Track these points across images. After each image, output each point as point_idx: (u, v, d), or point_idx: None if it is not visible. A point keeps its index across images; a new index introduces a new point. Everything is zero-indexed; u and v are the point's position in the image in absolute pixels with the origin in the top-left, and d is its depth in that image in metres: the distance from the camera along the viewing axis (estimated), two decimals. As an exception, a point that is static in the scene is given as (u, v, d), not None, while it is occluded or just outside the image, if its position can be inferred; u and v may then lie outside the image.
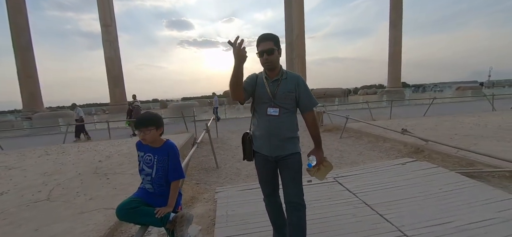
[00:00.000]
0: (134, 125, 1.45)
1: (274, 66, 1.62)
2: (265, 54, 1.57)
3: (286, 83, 1.63)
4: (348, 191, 2.84)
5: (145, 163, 1.57)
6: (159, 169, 1.56)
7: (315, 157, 1.68)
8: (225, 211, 2.52)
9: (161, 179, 1.58)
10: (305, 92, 1.64)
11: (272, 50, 1.57)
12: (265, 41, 1.56)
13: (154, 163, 1.56)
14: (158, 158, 1.56)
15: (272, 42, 1.57)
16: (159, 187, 1.59)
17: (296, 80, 1.65)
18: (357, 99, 24.15)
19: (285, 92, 1.62)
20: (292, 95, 1.63)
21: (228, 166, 4.54)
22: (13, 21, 19.53)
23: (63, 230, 2.20)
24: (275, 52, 1.58)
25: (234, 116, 14.85)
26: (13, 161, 5.10)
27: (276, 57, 1.60)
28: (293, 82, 1.63)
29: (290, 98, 1.62)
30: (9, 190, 3.37)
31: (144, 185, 1.62)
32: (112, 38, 23.13)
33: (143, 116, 1.57)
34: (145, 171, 1.57)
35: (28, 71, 20.37)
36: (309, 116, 1.67)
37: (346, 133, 6.59)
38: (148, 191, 1.59)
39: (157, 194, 1.59)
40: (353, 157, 4.52)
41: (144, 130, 1.50)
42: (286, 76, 1.65)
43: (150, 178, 1.56)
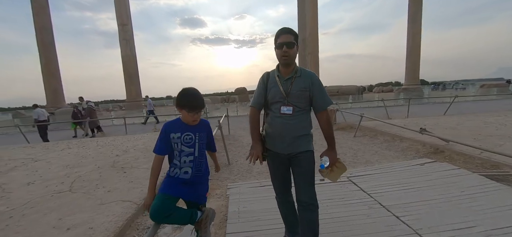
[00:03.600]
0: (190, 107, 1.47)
1: (291, 61, 1.58)
2: (285, 47, 1.52)
3: (300, 81, 1.60)
4: (362, 191, 2.77)
5: (185, 143, 1.52)
6: (201, 147, 1.58)
7: (328, 158, 1.63)
8: (237, 207, 2.55)
9: (202, 158, 1.59)
10: (319, 91, 1.60)
11: (292, 43, 1.53)
12: (286, 34, 1.54)
13: (196, 141, 1.55)
14: (200, 135, 1.57)
15: (293, 36, 1.54)
16: (198, 171, 1.56)
17: (310, 78, 1.60)
18: (372, 97, 23.44)
19: (299, 90, 1.59)
20: (306, 94, 1.59)
21: (239, 163, 4.57)
22: (37, 21, 20.61)
23: (85, 220, 2.31)
24: (294, 46, 1.55)
25: (245, 113, 14.88)
26: (38, 154, 5.43)
27: (294, 52, 1.56)
28: (307, 80, 1.59)
29: (303, 97, 1.59)
30: (35, 180, 3.59)
31: (179, 172, 1.53)
32: (128, 36, 23.85)
33: (197, 98, 1.51)
34: (186, 151, 1.52)
35: (51, 69, 21.48)
36: (323, 116, 1.63)
37: (360, 131, 6.43)
38: (183, 182, 1.53)
39: (192, 180, 1.55)
40: (367, 157, 4.40)
41: (199, 112, 1.53)
42: (300, 74, 1.61)
43: (192, 158, 1.53)
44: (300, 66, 1.66)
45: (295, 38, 1.55)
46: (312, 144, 1.68)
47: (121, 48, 23.66)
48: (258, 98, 1.71)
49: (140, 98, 25.04)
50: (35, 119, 9.04)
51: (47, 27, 21.10)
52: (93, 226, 2.18)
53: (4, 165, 4.62)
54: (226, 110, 8.67)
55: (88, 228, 2.15)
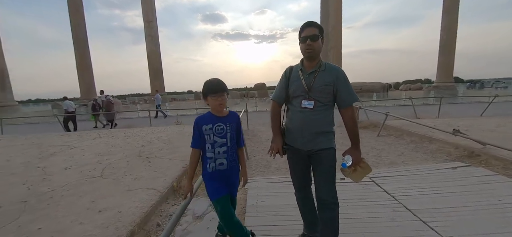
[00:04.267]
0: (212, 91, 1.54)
1: (315, 55, 1.53)
2: (309, 40, 1.49)
3: (323, 76, 1.55)
4: (386, 193, 2.65)
5: (217, 134, 1.57)
6: (232, 138, 1.61)
7: (351, 157, 1.57)
8: (255, 201, 2.57)
9: (234, 148, 1.64)
10: (344, 87, 1.53)
11: (317, 36, 1.50)
12: (310, 27, 1.51)
13: (227, 132, 1.59)
14: (230, 126, 1.60)
15: (317, 29, 1.51)
16: (231, 162, 1.62)
17: (335, 73, 1.54)
18: (398, 94, 22.12)
19: (322, 85, 1.53)
20: (329, 89, 1.53)
21: (258, 158, 4.59)
22: (73, 20, 22.25)
23: (114, 204, 2.49)
24: (319, 39, 1.51)
25: (264, 109, 14.88)
26: (74, 142, 5.92)
27: (319, 45, 1.52)
28: (332, 75, 1.53)
29: (326, 92, 1.53)
30: (72, 165, 3.93)
31: (214, 165, 1.57)
32: (154, 33, 24.89)
33: (219, 82, 1.56)
34: (219, 142, 1.57)
35: (84, 64, 23.15)
36: (347, 112, 1.57)
37: (385, 131, 6.12)
38: (221, 173, 1.60)
39: (229, 172, 1.62)
40: (392, 157, 4.19)
41: (222, 95, 1.55)
42: (325, 68, 1.56)
43: (226, 148, 1.58)
44: (325, 61, 1.61)
45: (319, 31, 1.52)
46: (334, 141, 1.63)
47: (146, 44, 24.80)
48: (279, 92, 1.70)
49: (164, 92, 26.09)
50: (65, 110, 9.98)
51: (81, 25, 22.72)
52: (122, 210, 2.33)
53: (46, 150, 5.11)
54: (245, 105, 8.72)
55: (117, 211, 2.32)
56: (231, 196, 1.75)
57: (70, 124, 9.86)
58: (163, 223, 2.38)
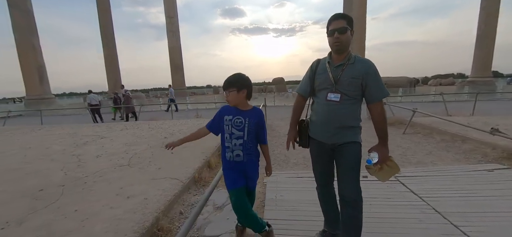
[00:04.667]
0: (223, 87, 1.64)
1: (343, 48, 1.48)
2: (336, 33, 1.44)
3: (352, 69, 1.49)
4: (412, 193, 2.52)
5: (235, 126, 1.60)
6: (250, 132, 1.61)
7: (377, 154, 1.50)
8: (274, 195, 2.58)
9: (252, 143, 1.64)
10: (374, 81, 1.46)
11: (345, 29, 1.44)
12: (338, 20, 1.46)
13: (245, 126, 1.60)
14: (250, 120, 1.60)
15: (345, 21, 1.45)
16: (248, 155, 1.63)
17: (365, 66, 1.47)
18: (427, 90, 20.73)
19: (350, 78, 1.48)
20: (357, 82, 1.47)
21: (276, 152, 4.59)
22: (101, 18, 23.54)
23: (141, 191, 2.64)
24: (347, 31, 1.45)
25: (282, 104, 14.76)
26: (103, 132, 6.34)
27: (347, 38, 1.46)
28: (361, 68, 1.47)
29: (354, 85, 1.47)
30: (102, 154, 4.22)
31: (231, 155, 1.62)
32: (175, 28, 25.58)
33: (227, 78, 1.62)
34: (236, 134, 1.60)
35: (111, 60, 24.49)
36: (376, 108, 1.49)
37: (412, 128, 5.78)
38: (238, 164, 1.64)
39: (246, 165, 1.64)
40: (419, 157, 3.95)
41: (226, 91, 1.60)
42: (354, 61, 1.49)
43: (242, 141, 1.60)
44: (355, 54, 1.54)
45: (348, 22, 1.46)
46: (360, 136, 1.58)
47: (168, 39, 25.59)
48: (304, 85, 1.69)
49: (185, 87, 26.84)
50: (89, 103, 10.81)
51: (109, 23, 23.98)
52: (147, 197, 2.47)
53: (80, 140, 5.54)
54: (263, 100, 8.70)
55: (144, 198, 2.45)
56: (249, 189, 1.76)
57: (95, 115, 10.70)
58: (186, 212, 2.48)
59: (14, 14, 18.08)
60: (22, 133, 6.88)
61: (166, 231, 2.11)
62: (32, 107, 17.51)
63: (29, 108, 17.70)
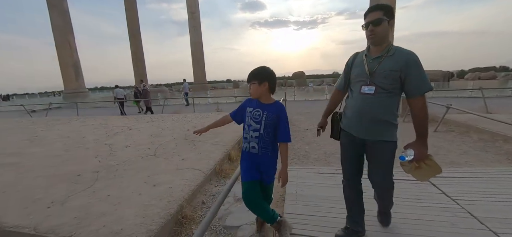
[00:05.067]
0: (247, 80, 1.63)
1: (379, 40, 1.43)
2: (371, 25, 1.40)
3: (390, 61, 1.41)
4: (444, 195, 2.35)
5: (253, 118, 1.60)
6: (267, 126, 1.57)
7: (413, 151, 1.42)
8: (294, 189, 2.56)
9: (268, 137, 1.59)
10: (416, 73, 1.37)
11: (379, 20, 1.38)
12: (373, 12, 1.41)
13: (263, 119, 1.58)
14: (268, 114, 1.57)
15: (382, 12, 1.39)
16: (263, 148, 1.60)
17: (405, 58, 1.38)
18: (463, 84, 19.01)
19: (387, 70, 1.41)
20: (395, 75, 1.39)
21: (296, 147, 4.54)
22: (128, 15, 24.74)
23: (166, 180, 2.77)
24: (383, 23, 1.39)
25: (303, 99, 14.50)
26: (131, 124, 6.74)
27: (383, 30, 1.40)
28: (400, 60, 1.38)
29: (391, 78, 1.40)
30: (131, 144, 4.49)
31: (247, 146, 1.64)
32: (197, 23, 26.13)
33: (251, 71, 1.61)
34: (253, 126, 1.60)
35: (138, 55, 25.75)
36: (417, 103, 1.40)
37: (445, 125, 5.36)
38: (253, 157, 1.63)
39: (261, 158, 1.62)
40: (453, 157, 3.67)
41: (251, 83, 1.60)
42: (393, 53, 1.42)
43: (258, 134, 1.59)
44: (396, 45, 1.46)
45: (385, 13, 1.39)
46: (395, 134, 1.49)
47: (190, 34, 26.24)
48: (341, 79, 1.72)
49: (205, 81, 27.43)
50: (115, 97, 11.73)
51: (135, 20, 25.17)
52: (172, 186, 2.59)
53: (110, 130, 5.95)
54: (283, 94, 8.62)
55: (169, 187, 2.58)
56: (264, 184, 1.71)
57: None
58: (208, 201, 2.57)
59: (53, 15, 19.71)
60: (62, 123, 7.56)
61: (189, 219, 2.20)
62: (69, 100, 19.16)
63: (67, 101, 19.38)
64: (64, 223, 2.00)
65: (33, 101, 25.96)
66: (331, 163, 3.65)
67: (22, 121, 8.65)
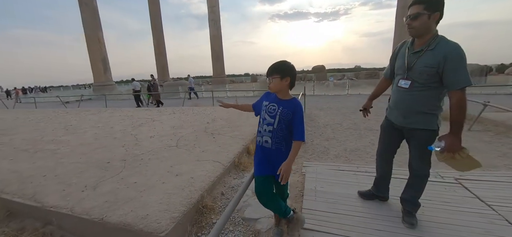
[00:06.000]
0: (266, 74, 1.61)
1: (418, 34, 1.50)
2: (408, 19, 1.48)
3: (429, 55, 1.45)
4: (478, 199, 2.18)
5: (268, 112, 1.59)
6: (281, 122, 1.54)
7: (444, 142, 1.47)
8: (314, 185, 2.53)
9: (282, 132, 1.56)
10: (452, 67, 1.38)
11: (417, 15, 1.44)
12: (413, 5, 1.47)
13: (277, 114, 1.55)
14: (283, 110, 1.54)
15: (423, 6, 1.42)
16: (277, 144, 1.58)
17: (444, 52, 1.40)
18: (503, 80, 17.23)
19: (423, 66, 1.46)
20: (431, 71, 1.44)
21: (315, 143, 4.46)
22: (151, 10, 25.56)
23: (188, 170, 2.88)
24: (420, 17, 1.43)
25: (323, 93, 14.12)
26: (154, 115, 7.04)
27: (421, 24, 1.45)
28: (438, 55, 1.41)
29: (427, 74, 1.46)
30: (154, 135, 4.71)
31: (261, 140, 1.63)
32: (216, 17, 26.32)
33: (271, 65, 1.56)
34: (267, 120, 1.58)
35: (160, 49, 26.64)
36: (453, 96, 1.42)
37: (480, 124, 4.94)
38: (266, 151, 1.61)
39: (274, 153, 1.59)
40: (489, 159, 3.38)
41: (270, 78, 1.56)
42: (434, 47, 1.44)
43: (271, 128, 1.56)
44: (444, 37, 1.46)
45: (427, 7, 1.41)
46: (435, 123, 1.56)
47: (209, 28, 26.53)
48: (387, 68, 1.84)
49: (224, 75, 27.74)
50: (133, 89, 12.44)
51: (158, 15, 25.97)
52: (193, 177, 2.68)
53: (136, 121, 6.27)
54: (303, 88, 8.45)
55: (190, 177, 2.67)
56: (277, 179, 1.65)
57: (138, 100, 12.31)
58: (227, 193, 2.63)
59: (83, 11, 20.96)
60: (92, 114, 8.11)
61: (210, 209, 2.27)
62: (98, 92, 20.45)
63: (96, 93, 20.71)
64: (96, 206, 2.16)
65: (67, 93, 28.13)
66: (352, 160, 3.54)
67: (58, 111, 9.42)
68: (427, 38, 1.46)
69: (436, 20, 1.43)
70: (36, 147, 4.24)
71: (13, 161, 3.53)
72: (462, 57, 1.37)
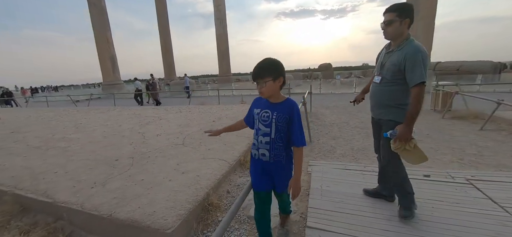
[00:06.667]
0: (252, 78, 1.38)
1: (391, 38, 1.72)
2: (383, 25, 1.69)
3: (396, 55, 1.66)
4: (490, 200, 2.12)
5: (262, 121, 1.38)
6: (279, 129, 1.34)
7: (397, 131, 1.65)
8: (319, 184, 2.51)
9: (281, 142, 1.37)
10: (409, 66, 1.58)
11: (390, 21, 1.65)
12: (386, 13, 1.67)
13: (272, 121, 1.35)
14: (278, 115, 1.33)
15: (395, 14, 1.62)
16: (276, 156, 1.39)
17: (405, 52, 1.60)
18: (517, 77, 16.65)
19: (391, 64, 1.69)
20: (395, 68, 1.65)
21: (321, 142, 4.42)
22: (158, 9, 25.80)
23: (194, 168, 2.90)
24: (393, 24, 1.64)
25: (330, 92, 13.99)
26: (161, 114, 7.13)
27: (394, 30, 1.65)
28: (401, 55, 1.62)
29: (392, 71, 1.68)
30: (161, 133, 4.77)
31: (257, 153, 1.44)
32: (222, 16, 26.34)
33: (258, 65, 1.31)
34: (262, 130, 1.38)
35: (167, 48, 26.87)
36: (412, 91, 1.60)
37: (493, 123, 4.79)
38: (264, 164, 1.43)
39: (272, 166, 1.42)
40: (501, 159, 3.27)
41: (260, 82, 1.30)
42: (401, 48, 1.64)
43: (268, 139, 1.36)
44: (412, 39, 1.64)
45: (399, 14, 1.61)
46: (401, 116, 1.70)
47: (215, 27, 26.57)
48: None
49: (230, 73, 27.80)
50: (136, 88, 13.03)
51: (164, 14, 26.18)
52: (199, 174, 2.70)
53: (143, 120, 6.37)
54: (309, 86, 8.38)
55: (196, 175, 2.70)
56: (278, 192, 1.57)
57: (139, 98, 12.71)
58: (232, 191, 2.64)
59: (92, 12, 21.37)
60: (101, 112, 8.28)
61: (215, 206, 2.28)
62: (107, 91, 20.83)
63: (105, 92, 21.11)
64: (104, 202, 2.21)
65: (77, 92, 28.80)
66: (358, 159, 3.49)
67: (68, 110, 9.66)
68: (399, 41, 1.67)
69: (407, 25, 1.63)
70: (47, 145, 4.37)
71: (26, 158, 3.65)
72: (418, 57, 1.54)
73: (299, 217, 2.12)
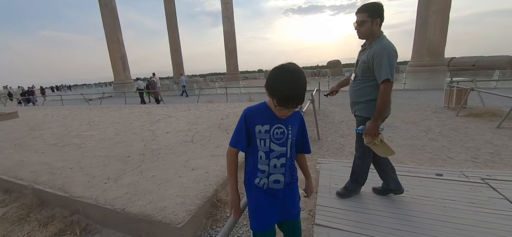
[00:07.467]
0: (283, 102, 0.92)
1: (364, 36, 1.78)
2: (356, 24, 1.75)
3: (366, 53, 1.73)
4: (507, 200, 2.05)
5: (276, 140, 1.07)
6: (292, 145, 1.13)
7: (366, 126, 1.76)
8: (328, 182, 2.50)
9: (293, 159, 1.18)
10: (375, 64, 1.65)
11: (362, 22, 1.71)
12: (359, 13, 1.72)
13: (288, 137, 1.09)
14: (293, 129, 1.10)
15: (366, 14, 1.67)
16: (290, 176, 1.16)
17: (373, 50, 1.66)
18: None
19: (361, 62, 1.78)
20: (365, 66, 1.74)
21: (330, 139, 4.38)
22: (167, 8, 26.11)
23: (203, 165, 2.95)
24: (365, 24, 1.70)
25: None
26: (171, 112, 7.25)
27: (366, 29, 1.71)
28: (370, 53, 1.68)
29: (362, 68, 1.78)
30: (171, 131, 4.86)
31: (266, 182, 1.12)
32: (229, 14, 26.41)
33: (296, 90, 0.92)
34: (277, 151, 1.08)
35: (175, 46, 27.22)
36: (380, 88, 1.66)
37: (511, 122, 4.59)
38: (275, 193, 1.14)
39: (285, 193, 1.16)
40: (520, 157, 3.14)
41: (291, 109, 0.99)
42: (371, 46, 1.71)
43: (285, 160, 1.10)
44: (382, 37, 1.70)
45: (370, 14, 1.66)
46: (368, 111, 1.79)
47: (223, 25, 26.68)
48: None
49: (237, 71, 27.87)
50: (137, 88, 13.51)
51: (173, 13, 26.49)
52: (208, 171, 2.75)
53: (153, 118, 6.50)
54: (317, 84, 8.31)
55: (205, 172, 2.74)
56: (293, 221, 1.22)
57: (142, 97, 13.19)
58: (241, 188, 2.66)
59: (103, 13, 21.89)
60: (113, 111, 8.52)
61: (224, 202, 2.32)
62: (118, 89, 21.37)
63: (116, 91, 21.66)
64: (118, 197, 2.28)
65: (90, 91, 29.67)
66: (368, 157, 3.44)
67: (82, 108, 9.98)
68: (370, 40, 1.74)
69: (378, 24, 1.68)
70: (63, 141, 4.54)
71: (43, 154, 3.81)
72: (384, 55, 1.59)
73: (308, 214, 2.12)
